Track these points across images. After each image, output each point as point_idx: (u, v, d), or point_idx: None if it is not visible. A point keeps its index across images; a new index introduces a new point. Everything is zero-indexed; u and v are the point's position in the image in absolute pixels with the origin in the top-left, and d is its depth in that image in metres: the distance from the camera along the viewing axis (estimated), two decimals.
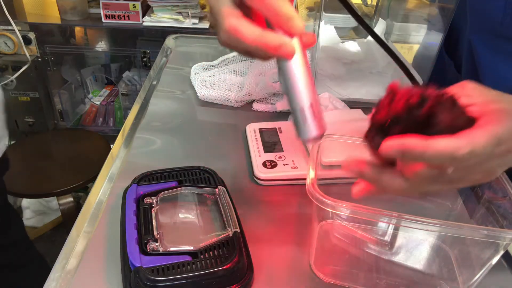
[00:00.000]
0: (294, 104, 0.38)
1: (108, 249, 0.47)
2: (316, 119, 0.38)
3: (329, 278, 0.45)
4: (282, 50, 0.35)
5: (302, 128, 0.39)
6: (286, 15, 0.35)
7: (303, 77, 0.37)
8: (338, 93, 0.78)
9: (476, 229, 0.36)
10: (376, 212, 0.37)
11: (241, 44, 0.36)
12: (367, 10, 1.16)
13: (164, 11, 1.70)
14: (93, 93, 2.02)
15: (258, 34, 0.35)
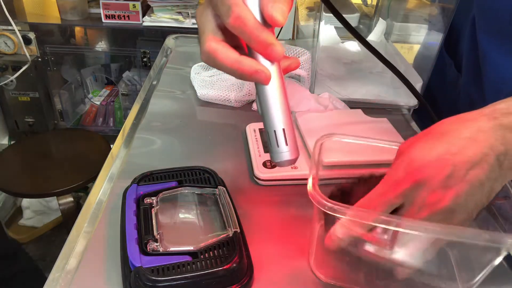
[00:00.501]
0: (268, 127, 0.40)
1: (108, 249, 0.47)
2: (288, 144, 0.40)
3: (329, 279, 0.45)
4: (257, 77, 0.37)
5: (274, 151, 0.40)
6: (265, 42, 0.36)
7: (278, 102, 0.39)
8: (338, 93, 0.78)
9: (478, 234, 0.35)
10: (377, 216, 0.37)
11: (219, 66, 0.38)
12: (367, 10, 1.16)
13: (164, 11, 1.70)
14: (93, 93, 2.02)
15: (235, 59, 0.37)
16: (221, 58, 0.37)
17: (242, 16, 0.35)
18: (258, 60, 0.38)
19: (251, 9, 0.36)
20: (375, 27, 0.99)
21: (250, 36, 0.36)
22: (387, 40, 0.96)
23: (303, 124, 0.66)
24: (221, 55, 0.37)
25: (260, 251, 0.47)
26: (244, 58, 0.37)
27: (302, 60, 0.79)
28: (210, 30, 0.38)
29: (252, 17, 0.36)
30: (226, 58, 0.37)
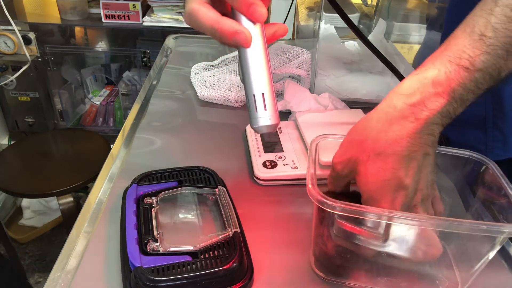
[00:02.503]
0: (247, 92, 0.38)
1: (108, 249, 0.47)
2: (268, 109, 0.38)
3: (330, 277, 0.45)
4: (237, 38, 0.36)
5: (253, 116, 0.39)
6: (247, 1, 0.36)
7: (259, 66, 0.38)
8: (338, 93, 0.78)
9: (475, 225, 0.36)
10: (375, 211, 0.37)
11: (200, 27, 0.38)
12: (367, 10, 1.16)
13: (164, 11, 1.70)
14: (93, 93, 2.02)
15: (215, 19, 0.37)
16: (202, 17, 0.37)
17: None
18: (241, 21, 0.37)
19: None
20: (375, 27, 0.99)
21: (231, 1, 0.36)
22: (387, 40, 0.96)
23: (303, 124, 0.66)
24: (202, 14, 0.37)
25: (260, 251, 0.47)
26: (225, 19, 0.37)
27: (302, 60, 0.79)
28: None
29: None
30: (206, 17, 0.37)
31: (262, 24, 0.38)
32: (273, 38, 0.40)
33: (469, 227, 0.36)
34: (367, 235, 0.40)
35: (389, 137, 0.37)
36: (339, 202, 0.37)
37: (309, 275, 0.46)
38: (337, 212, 0.37)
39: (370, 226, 0.40)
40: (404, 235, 0.41)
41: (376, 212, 0.37)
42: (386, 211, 0.37)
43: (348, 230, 0.41)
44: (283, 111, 0.75)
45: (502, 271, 0.48)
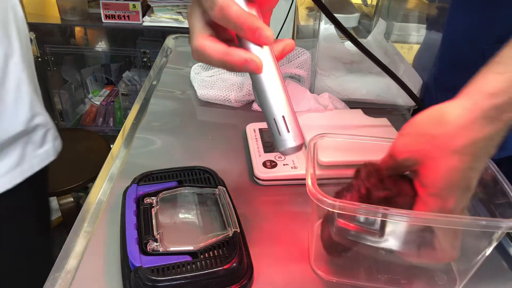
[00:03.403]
0: (267, 116, 0.38)
1: (108, 249, 0.47)
2: (291, 131, 0.38)
3: (330, 276, 0.45)
4: (248, 66, 0.36)
5: (277, 140, 0.38)
6: (252, 27, 0.35)
7: (275, 89, 0.37)
8: (338, 93, 0.78)
9: (475, 220, 0.36)
10: (375, 209, 0.37)
11: (209, 61, 0.38)
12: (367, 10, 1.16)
13: (164, 11, 1.70)
14: (93, 93, 2.02)
15: (223, 51, 0.36)
16: (209, 51, 0.37)
17: (225, 6, 0.35)
18: (249, 48, 0.37)
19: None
20: (375, 27, 0.99)
21: (236, 23, 0.35)
22: (387, 40, 0.96)
23: (303, 124, 0.65)
24: (209, 49, 0.37)
25: (260, 251, 0.47)
26: (233, 49, 0.36)
27: (302, 60, 0.79)
28: (198, 28, 0.38)
29: (235, 5, 0.35)
30: (214, 51, 0.37)
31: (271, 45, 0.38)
32: (281, 55, 0.40)
33: (468, 223, 0.37)
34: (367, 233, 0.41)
35: (469, 136, 0.36)
36: (338, 200, 0.37)
37: (309, 275, 0.46)
38: (337, 210, 0.37)
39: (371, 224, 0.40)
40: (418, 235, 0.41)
41: (375, 210, 0.37)
42: (383, 208, 0.37)
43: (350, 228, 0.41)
44: None
45: (502, 271, 0.48)
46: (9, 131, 0.69)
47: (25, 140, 0.73)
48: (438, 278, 0.45)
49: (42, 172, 0.79)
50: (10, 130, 0.69)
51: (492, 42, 0.64)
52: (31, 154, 0.75)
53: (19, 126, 0.70)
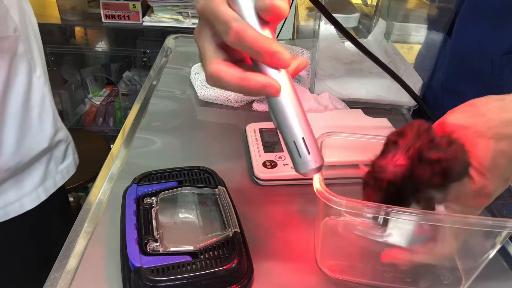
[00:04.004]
0: (286, 139, 0.38)
1: (108, 249, 0.47)
2: (311, 153, 0.37)
3: (336, 274, 0.45)
4: (266, 91, 0.36)
5: (298, 162, 0.38)
6: (269, 52, 0.34)
7: (292, 111, 0.37)
8: (338, 93, 0.78)
9: (481, 220, 0.37)
10: (384, 208, 0.37)
11: (225, 86, 0.37)
12: (367, 10, 1.16)
13: (164, 11, 1.70)
14: (93, 93, 2.02)
15: (240, 77, 0.35)
16: (226, 78, 0.36)
17: (241, 30, 0.34)
18: (265, 70, 0.36)
19: (246, 15, 0.35)
20: (375, 27, 0.99)
21: (253, 48, 0.34)
22: (387, 40, 0.96)
23: None
24: (225, 75, 0.36)
25: (260, 251, 0.47)
26: (250, 75, 0.35)
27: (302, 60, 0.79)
28: (211, 52, 0.37)
29: (251, 29, 0.34)
30: (231, 77, 0.36)
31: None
32: (295, 73, 0.39)
33: (475, 223, 0.37)
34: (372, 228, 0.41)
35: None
36: (345, 198, 0.37)
37: (310, 274, 0.46)
38: (343, 209, 0.37)
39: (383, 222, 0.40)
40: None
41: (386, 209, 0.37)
42: (392, 207, 0.37)
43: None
44: None
45: (502, 271, 0.48)
46: (35, 149, 0.68)
47: (48, 156, 0.72)
48: (444, 277, 0.45)
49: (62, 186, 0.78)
50: (35, 148, 0.68)
51: (501, 53, 0.64)
52: (54, 170, 0.74)
53: (44, 143, 0.69)
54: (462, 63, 0.71)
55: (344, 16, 1.09)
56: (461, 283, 0.45)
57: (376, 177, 0.37)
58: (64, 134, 0.76)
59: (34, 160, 0.69)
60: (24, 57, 0.65)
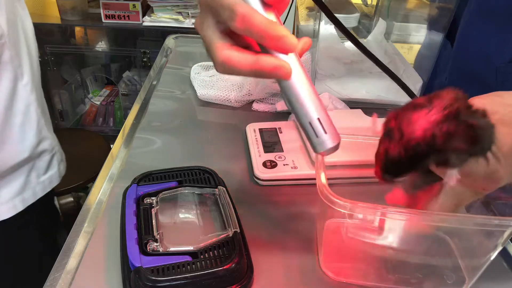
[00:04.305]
0: (302, 121, 0.38)
1: (108, 249, 0.47)
2: (328, 132, 0.38)
3: (340, 277, 0.45)
4: (278, 73, 0.35)
5: (315, 143, 0.38)
6: (276, 36, 0.34)
7: (305, 92, 0.37)
8: (338, 93, 0.78)
9: (487, 220, 0.37)
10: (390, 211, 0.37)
11: (237, 72, 0.36)
12: (367, 10, 1.16)
13: (164, 11, 1.70)
14: (93, 93, 2.02)
15: (252, 60, 0.35)
16: (238, 64, 0.35)
17: (247, 16, 0.33)
18: (274, 53, 0.36)
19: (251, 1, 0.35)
20: (375, 27, 0.99)
21: (260, 33, 0.34)
22: (387, 40, 0.96)
23: None
24: (237, 60, 0.35)
25: (260, 251, 0.47)
26: (261, 57, 0.35)
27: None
28: (216, 39, 0.36)
29: (257, 13, 0.34)
30: (242, 62, 0.35)
31: None
32: (301, 54, 0.39)
33: (480, 223, 0.37)
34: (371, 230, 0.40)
35: None
36: (349, 201, 0.37)
37: (309, 274, 0.46)
38: (348, 211, 0.37)
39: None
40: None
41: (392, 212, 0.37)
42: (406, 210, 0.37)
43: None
44: (283, 111, 0.75)
45: (502, 271, 0.48)
46: (14, 158, 0.65)
47: (30, 166, 0.70)
48: (447, 277, 0.45)
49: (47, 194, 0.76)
50: (15, 157, 0.65)
51: (506, 61, 0.64)
52: (35, 181, 0.72)
53: (25, 153, 0.67)
54: (466, 69, 0.71)
55: (344, 16, 1.09)
56: (465, 283, 0.45)
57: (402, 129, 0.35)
58: (49, 144, 0.74)
59: (13, 169, 0.66)
60: (9, 64, 0.63)
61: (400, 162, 0.35)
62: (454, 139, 0.33)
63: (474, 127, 0.33)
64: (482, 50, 0.67)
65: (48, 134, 0.73)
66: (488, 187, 0.38)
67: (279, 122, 0.68)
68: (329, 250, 0.47)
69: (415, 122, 0.34)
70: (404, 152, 0.34)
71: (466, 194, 0.38)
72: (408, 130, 0.34)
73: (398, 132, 0.35)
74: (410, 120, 0.34)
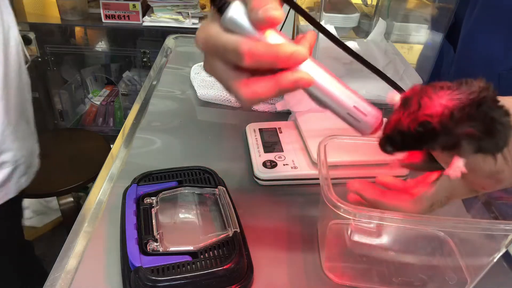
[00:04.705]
0: (340, 114, 0.39)
1: (108, 249, 0.47)
2: (367, 113, 0.39)
3: (343, 280, 0.45)
4: (300, 85, 0.36)
5: (360, 127, 0.39)
6: (286, 57, 0.35)
7: (332, 88, 0.38)
8: None
9: (492, 224, 0.37)
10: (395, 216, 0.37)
11: (264, 100, 0.37)
12: (367, 10, 1.16)
13: (164, 11, 1.70)
14: (93, 93, 2.02)
15: (273, 84, 0.36)
16: (262, 94, 0.36)
17: (252, 51, 0.34)
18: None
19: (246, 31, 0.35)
20: (375, 27, 0.99)
21: (271, 62, 0.35)
22: (387, 40, 0.96)
23: (303, 124, 0.66)
24: (260, 92, 0.36)
25: (260, 251, 0.47)
26: (280, 77, 0.36)
27: None
28: (233, 79, 0.37)
29: (260, 45, 0.34)
30: (266, 91, 0.36)
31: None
32: (310, 49, 0.39)
33: (485, 227, 0.37)
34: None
35: None
36: (352, 206, 0.37)
37: (310, 274, 0.46)
38: (352, 217, 0.37)
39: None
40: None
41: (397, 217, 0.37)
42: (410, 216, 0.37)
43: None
44: (283, 111, 0.75)
45: (502, 271, 0.48)
46: None
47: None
48: (449, 278, 0.45)
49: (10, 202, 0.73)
50: None
51: (509, 67, 0.64)
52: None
53: None
54: (468, 74, 0.71)
55: (344, 16, 1.09)
56: (467, 284, 0.45)
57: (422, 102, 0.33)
58: (12, 156, 0.71)
59: None
60: None
61: (408, 134, 0.34)
62: (470, 125, 0.32)
63: (494, 121, 0.33)
64: (485, 56, 0.67)
65: (11, 146, 0.70)
66: (488, 186, 0.37)
67: (279, 122, 0.69)
68: (332, 252, 0.47)
69: (437, 99, 0.33)
70: (416, 125, 0.33)
71: (461, 189, 0.38)
72: (427, 104, 0.33)
73: (417, 104, 0.34)
74: (433, 96, 0.33)
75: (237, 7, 0.35)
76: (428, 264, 0.47)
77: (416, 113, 0.33)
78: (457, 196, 0.39)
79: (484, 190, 0.38)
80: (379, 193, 0.41)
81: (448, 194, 0.38)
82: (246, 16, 0.35)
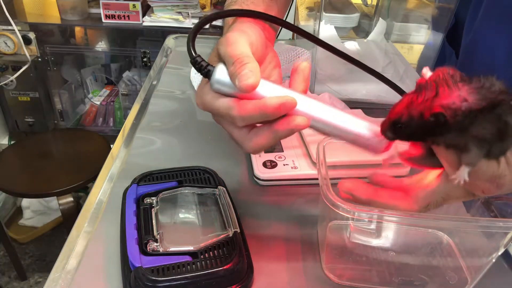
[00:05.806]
0: (349, 140, 0.40)
1: (108, 249, 0.47)
2: (372, 133, 0.39)
3: (343, 280, 0.45)
4: (296, 130, 0.38)
5: (370, 148, 0.40)
6: (276, 111, 0.36)
7: (334, 120, 0.38)
8: (338, 93, 0.78)
9: (492, 222, 0.37)
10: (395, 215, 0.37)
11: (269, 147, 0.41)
12: (367, 10, 1.16)
13: (164, 11, 1.70)
14: (93, 93, 2.02)
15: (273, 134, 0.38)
16: (266, 144, 0.38)
17: (243, 114, 0.36)
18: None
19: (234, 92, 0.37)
20: (375, 27, 0.99)
21: (263, 118, 0.37)
22: (387, 40, 0.96)
23: None
24: (263, 144, 0.38)
25: (260, 251, 0.47)
26: (276, 128, 0.37)
27: (302, 60, 0.79)
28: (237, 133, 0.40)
29: (249, 105, 0.36)
30: (268, 142, 0.38)
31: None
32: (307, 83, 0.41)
33: (484, 225, 0.37)
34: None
35: None
36: (352, 205, 0.37)
37: (310, 275, 0.46)
38: (352, 216, 0.37)
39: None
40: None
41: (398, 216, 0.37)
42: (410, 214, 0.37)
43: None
44: None
45: (502, 271, 0.48)
46: None
47: None
48: (450, 278, 0.45)
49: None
50: None
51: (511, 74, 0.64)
52: None
53: None
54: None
55: (344, 16, 1.09)
56: (467, 283, 0.45)
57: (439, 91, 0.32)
58: None
59: None
60: None
61: (418, 122, 0.33)
62: (483, 127, 0.32)
63: (507, 125, 0.32)
64: (488, 63, 0.67)
65: None
66: (488, 190, 0.37)
67: None
68: (332, 252, 0.47)
69: (455, 91, 0.32)
70: (429, 114, 0.32)
71: (459, 192, 0.38)
72: (446, 93, 0.32)
73: (434, 90, 0.32)
74: (452, 87, 0.32)
75: (220, 71, 0.37)
76: (428, 264, 0.47)
77: (432, 100, 0.32)
78: (454, 198, 0.38)
79: (483, 195, 0.37)
80: (372, 191, 0.41)
81: (445, 195, 0.38)
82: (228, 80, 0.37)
